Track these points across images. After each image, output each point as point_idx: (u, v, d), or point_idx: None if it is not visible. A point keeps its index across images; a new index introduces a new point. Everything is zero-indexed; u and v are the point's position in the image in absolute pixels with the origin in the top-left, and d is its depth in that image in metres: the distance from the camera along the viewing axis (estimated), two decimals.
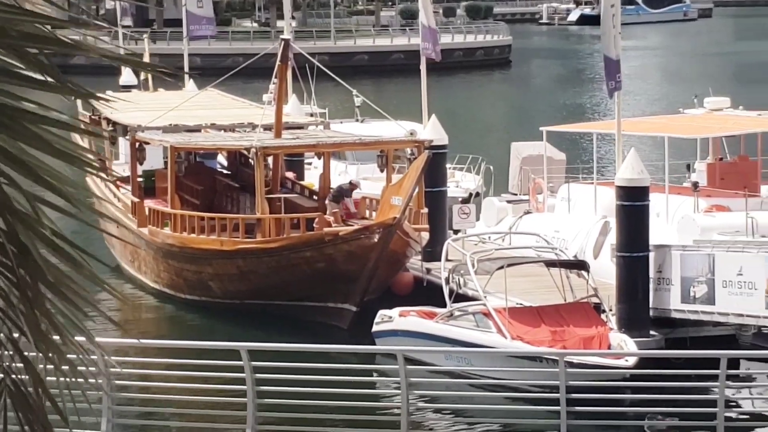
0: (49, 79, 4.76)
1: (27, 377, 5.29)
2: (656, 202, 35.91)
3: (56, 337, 5.15)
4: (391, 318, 35.40)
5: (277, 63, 46.03)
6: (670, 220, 36.96)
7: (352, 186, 43.70)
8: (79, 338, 5.51)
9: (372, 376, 25.42)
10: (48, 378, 5.53)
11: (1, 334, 5.15)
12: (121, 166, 47.81)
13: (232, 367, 22.49)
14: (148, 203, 44.69)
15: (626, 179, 34.74)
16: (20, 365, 5.26)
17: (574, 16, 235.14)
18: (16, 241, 4.68)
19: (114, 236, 44.63)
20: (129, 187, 46.24)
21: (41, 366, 5.31)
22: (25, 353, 5.24)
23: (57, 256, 4.88)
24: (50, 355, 5.14)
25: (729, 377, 22.86)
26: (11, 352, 5.20)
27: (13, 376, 5.33)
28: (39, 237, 4.80)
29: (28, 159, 4.70)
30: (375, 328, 35.28)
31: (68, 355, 5.35)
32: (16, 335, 5.13)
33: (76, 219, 5.13)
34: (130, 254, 46.13)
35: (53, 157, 4.80)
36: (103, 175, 41.50)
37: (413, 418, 23.35)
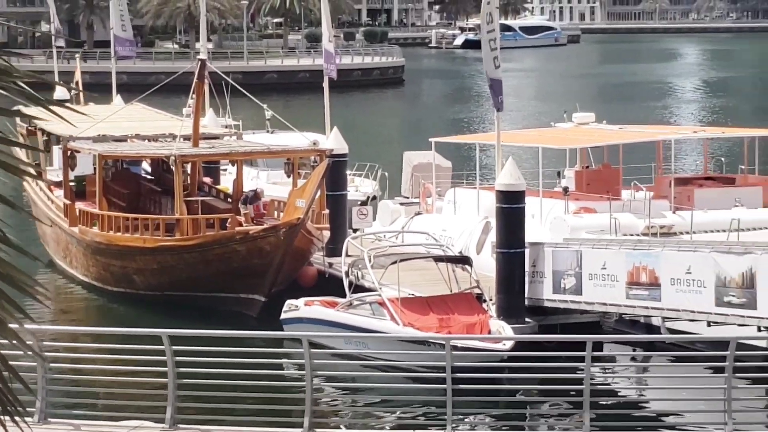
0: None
1: None
2: (531, 204, 36.05)
3: None
4: (297, 307, 35.40)
5: (195, 80, 46.16)
6: (544, 220, 37.14)
7: (257, 195, 43.76)
8: (14, 326, 5.43)
9: (280, 359, 25.29)
10: None
11: None
12: (56, 172, 47.51)
13: (155, 351, 22.28)
14: (79, 205, 44.49)
15: (505, 184, 34.92)
16: None
17: (459, 41, 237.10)
18: None
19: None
20: (62, 191, 45.79)
21: None
22: None
23: None
24: None
25: (594, 358, 23.01)
26: None
27: None
28: None
29: None
30: (283, 315, 35.27)
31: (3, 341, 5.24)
32: None
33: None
34: (62, 251, 45.86)
35: None
36: (39, 181, 41.25)
37: (316, 396, 23.28)
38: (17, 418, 5.67)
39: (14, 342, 5.44)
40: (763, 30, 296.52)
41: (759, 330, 28.95)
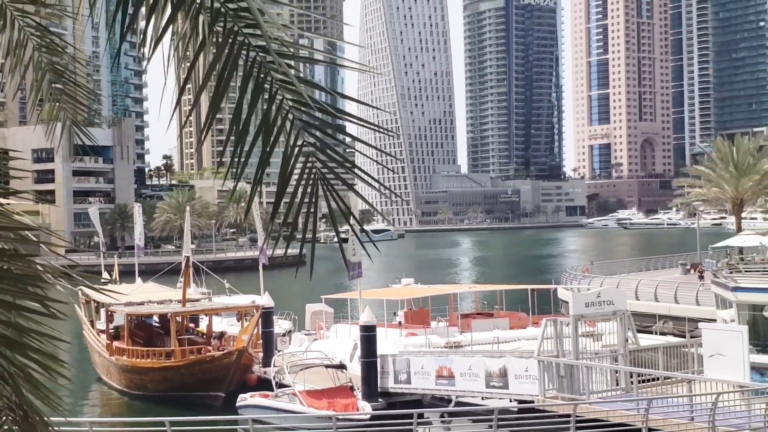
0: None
1: None
2: (380, 332, 35.96)
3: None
4: (245, 399, 34.81)
5: (183, 268, 46.39)
6: (387, 341, 36.88)
7: (222, 334, 44.23)
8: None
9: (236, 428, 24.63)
10: None
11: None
12: (102, 324, 46.92)
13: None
14: (116, 343, 43.95)
15: (365, 321, 34.81)
16: None
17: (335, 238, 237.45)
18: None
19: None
20: (105, 335, 45.53)
21: None
22: None
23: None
24: None
25: (419, 423, 22.83)
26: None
27: None
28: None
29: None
30: (238, 404, 34.59)
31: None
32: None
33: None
34: (105, 370, 44.95)
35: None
36: (91, 328, 39.56)
37: None
38: None
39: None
40: (506, 229, 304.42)
41: (510, 401, 28.90)
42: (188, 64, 4.31)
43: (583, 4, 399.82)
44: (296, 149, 4.14)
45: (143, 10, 4.25)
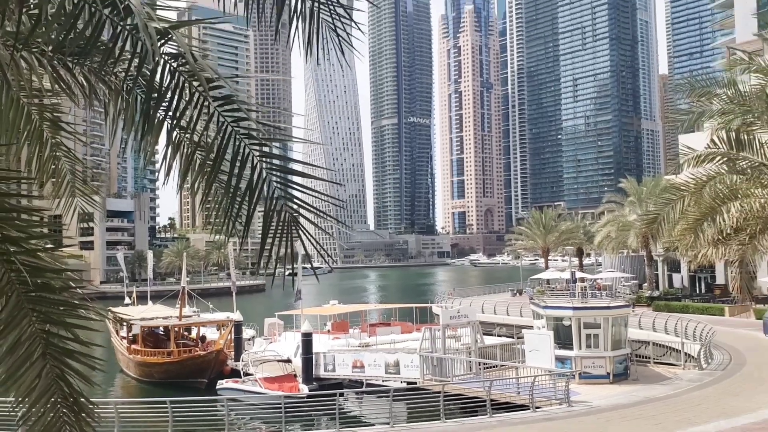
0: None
1: None
2: (315, 337, 35.23)
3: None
4: (223, 384, 33.62)
5: (180, 294, 45.24)
6: (320, 342, 36.20)
7: (205, 339, 42.56)
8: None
9: (217, 406, 23.73)
10: None
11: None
12: (123, 333, 44.83)
13: (163, 408, 20.69)
14: (134, 346, 42.05)
15: (305, 330, 34.20)
16: None
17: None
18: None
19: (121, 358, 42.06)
20: (126, 341, 43.38)
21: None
22: None
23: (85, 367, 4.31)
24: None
25: (341, 399, 22.35)
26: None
27: None
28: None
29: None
30: (217, 387, 33.35)
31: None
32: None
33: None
34: (125, 364, 42.82)
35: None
36: (117, 336, 37.76)
37: (230, 422, 21.91)
38: None
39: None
40: (399, 266, 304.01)
41: (401, 382, 28.62)
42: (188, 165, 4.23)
43: (446, 122, 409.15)
44: (275, 215, 4.10)
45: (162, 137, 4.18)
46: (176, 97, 3.93)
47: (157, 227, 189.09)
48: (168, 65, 3.89)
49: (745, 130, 14.64)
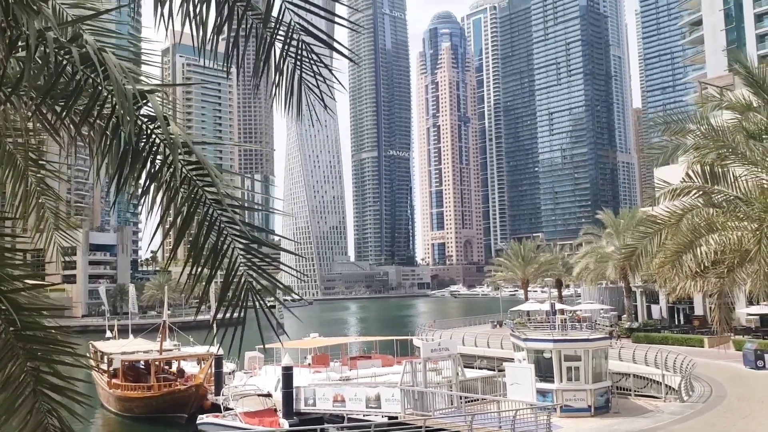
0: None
1: None
2: (296, 371, 34.75)
3: None
4: (203, 418, 32.93)
5: (161, 328, 44.39)
6: (300, 376, 35.73)
7: (183, 372, 41.74)
8: None
9: None
10: None
11: None
12: (104, 367, 43.89)
13: None
14: (114, 380, 41.15)
15: (285, 364, 33.70)
16: None
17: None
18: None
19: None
20: (106, 375, 42.43)
21: None
22: None
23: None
24: None
25: None
26: None
27: None
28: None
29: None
30: (198, 422, 32.70)
31: None
32: None
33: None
34: (106, 399, 41.81)
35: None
36: (96, 371, 36.87)
37: None
38: None
39: None
40: (379, 298, 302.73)
41: (382, 417, 28.24)
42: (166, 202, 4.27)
43: (425, 155, 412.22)
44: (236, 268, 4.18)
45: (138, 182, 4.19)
46: (151, 157, 3.98)
47: (139, 260, 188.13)
48: (145, 126, 3.95)
49: (720, 164, 14.89)
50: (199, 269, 4.22)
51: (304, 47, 4.38)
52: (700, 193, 14.53)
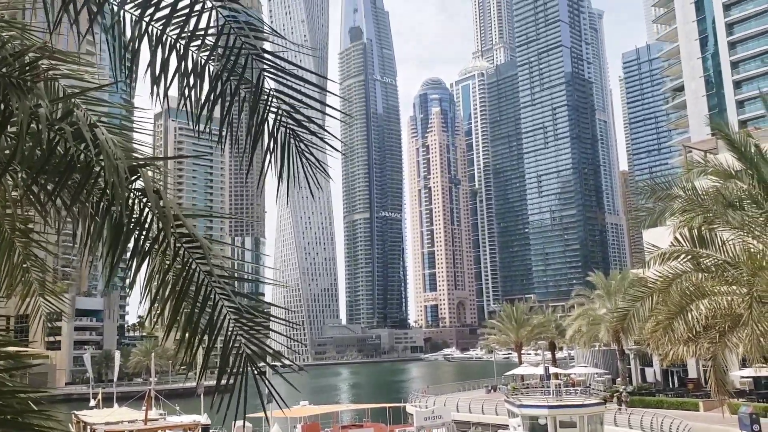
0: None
1: None
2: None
3: None
4: None
5: (146, 397, 42.97)
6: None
7: None
8: None
9: None
10: None
11: None
12: None
13: None
14: None
15: (279, 416, 32.74)
16: None
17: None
18: None
19: None
20: None
21: None
22: None
23: None
24: None
25: None
26: None
27: None
28: None
29: None
30: None
31: None
32: None
33: None
34: None
35: None
36: None
37: None
38: None
39: None
40: (372, 362, 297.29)
41: None
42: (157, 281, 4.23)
43: (417, 217, 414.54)
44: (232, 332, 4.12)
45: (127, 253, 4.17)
46: (143, 231, 3.97)
47: (126, 326, 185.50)
48: (137, 199, 3.96)
49: (707, 228, 15.03)
50: (195, 342, 4.14)
51: (294, 132, 4.46)
52: (689, 257, 14.61)
